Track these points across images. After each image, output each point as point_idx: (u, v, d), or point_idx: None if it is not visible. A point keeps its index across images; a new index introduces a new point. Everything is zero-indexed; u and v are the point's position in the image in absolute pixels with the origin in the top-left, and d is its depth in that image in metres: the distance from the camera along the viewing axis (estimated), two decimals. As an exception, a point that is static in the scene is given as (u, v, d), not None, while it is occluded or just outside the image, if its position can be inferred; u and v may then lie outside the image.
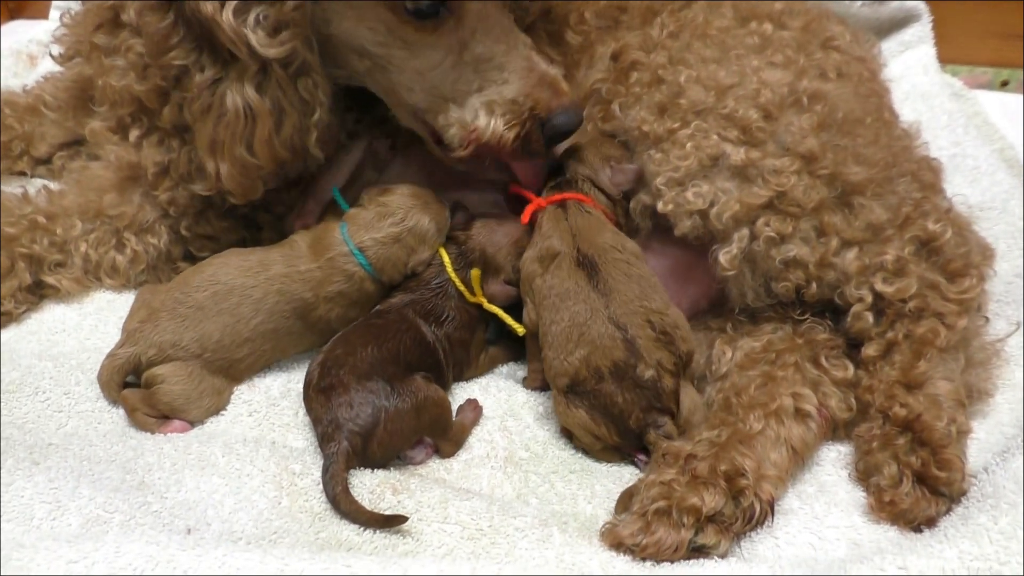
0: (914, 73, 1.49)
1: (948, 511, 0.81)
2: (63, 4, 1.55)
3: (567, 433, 0.93)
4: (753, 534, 0.81)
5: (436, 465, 0.89)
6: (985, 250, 1.01)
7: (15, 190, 1.10)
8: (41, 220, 1.04)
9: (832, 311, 0.97)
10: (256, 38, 0.85)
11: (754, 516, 0.79)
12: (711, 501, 0.77)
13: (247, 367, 0.96)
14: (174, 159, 1.00)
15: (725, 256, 0.93)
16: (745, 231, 0.93)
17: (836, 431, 0.92)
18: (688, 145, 0.94)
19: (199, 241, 1.09)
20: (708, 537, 0.77)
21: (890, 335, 0.91)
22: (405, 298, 0.98)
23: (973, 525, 0.74)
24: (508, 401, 0.98)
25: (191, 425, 0.92)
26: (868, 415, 0.90)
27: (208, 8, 0.84)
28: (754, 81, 0.95)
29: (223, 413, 0.94)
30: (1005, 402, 0.94)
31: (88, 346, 1.01)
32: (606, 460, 0.91)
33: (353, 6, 0.90)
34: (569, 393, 0.89)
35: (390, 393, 0.85)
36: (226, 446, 0.86)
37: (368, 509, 0.79)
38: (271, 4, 0.85)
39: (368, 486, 0.82)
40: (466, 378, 1.02)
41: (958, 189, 1.16)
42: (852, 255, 0.91)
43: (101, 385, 0.93)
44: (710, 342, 0.99)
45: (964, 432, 0.86)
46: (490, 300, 0.99)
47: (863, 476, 0.87)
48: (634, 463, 0.91)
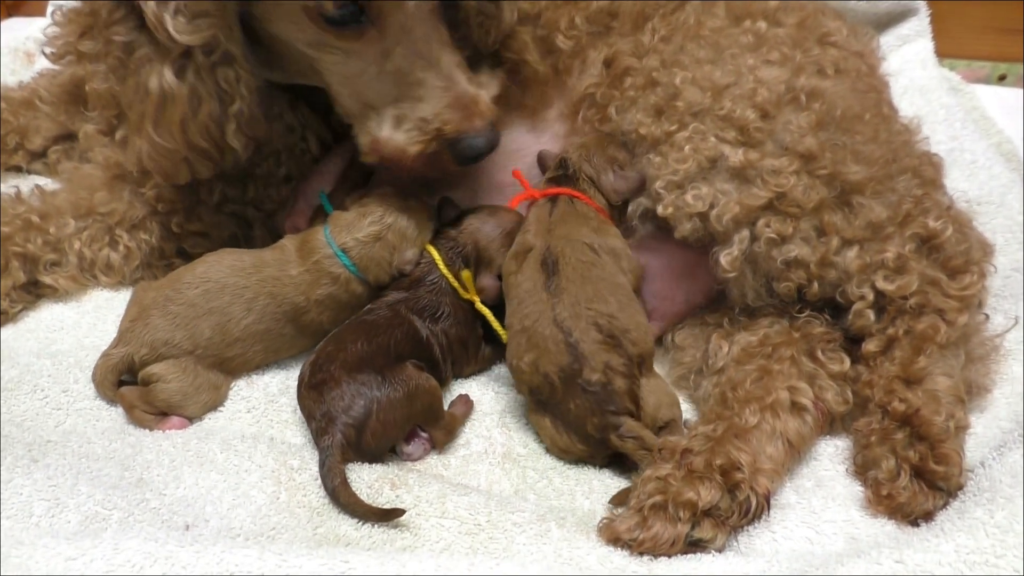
0: (912, 67, 1.49)
1: (945, 505, 0.81)
2: (58, 2, 1.54)
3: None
4: (750, 528, 0.81)
5: (434, 461, 0.90)
6: (985, 246, 1.01)
7: (9, 190, 1.10)
8: (35, 219, 1.05)
9: (831, 307, 0.97)
10: (173, 24, 0.86)
11: (750, 510, 0.79)
12: (707, 495, 0.78)
13: (239, 365, 0.96)
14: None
15: (726, 258, 0.93)
16: (745, 232, 0.93)
17: (833, 424, 0.92)
18: (686, 148, 0.94)
19: (192, 238, 1.09)
20: (705, 531, 0.77)
21: (890, 331, 0.92)
22: (397, 296, 0.98)
23: (970, 519, 0.74)
24: (506, 398, 0.99)
25: (189, 422, 0.92)
26: (867, 410, 0.90)
27: None
28: (750, 80, 0.95)
29: (221, 409, 0.94)
30: (1002, 397, 0.94)
31: (86, 344, 1.01)
32: (587, 463, 0.90)
33: (279, 7, 0.90)
34: (536, 404, 0.89)
35: (381, 383, 0.85)
36: (224, 442, 0.86)
37: (366, 503, 0.79)
38: None
39: (366, 481, 0.82)
40: (465, 375, 1.02)
41: (956, 183, 1.16)
42: (853, 254, 0.91)
43: (96, 385, 0.93)
44: (707, 337, 0.99)
45: (962, 427, 0.87)
46: (480, 293, 0.99)
47: (861, 470, 0.87)
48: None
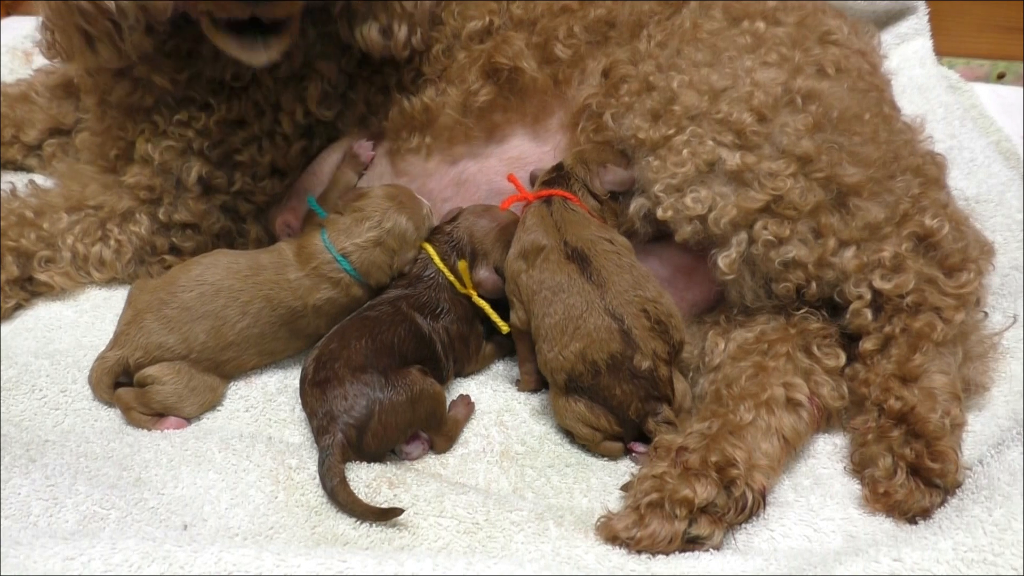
0: (911, 66, 1.49)
1: (943, 503, 0.81)
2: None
3: (565, 431, 0.93)
4: (749, 526, 0.81)
5: (432, 460, 0.90)
6: (983, 245, 1.01)
7: (5, 186, 1.11)
8: (28, 215, 1.06)
9: (829, 306, 0.97)
10: None
11: (746, 506, 0.79)
12: (703, 492, 0.78)
13: (234, 368, 0.96)
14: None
15: (724, 260, 0.94)
16: (743, 235, 0.93)
17: (830, 420, 0.92)
18: (684, 151, 0.94)
19: (181, 230, 1.10)
20: (702, 528, 0.77)
21: (887, 329, 0.92)
22: (398, 292, 0.98)
23: (968, 517, 0.74)
24: (504, 396, 0.99)
25: (187, 422, 0.92)
26: (864, 408, 0.90)
27: None
28: (747, 83, 0.95)
29: (219, 409, 0.94)
30: (1001, 395, 0.94)
31: (84, 343, 1.01)
32: (605, 454, 0.91)
33: None
34: (568, 390, 0.89)
35: (384, 385, 0.85)
36: (223, 442, 0.86)
37: (365, 502, 0.79)
38: None
39: (364, 480, 0.82)
40: (466, 373, 1.02)
41: (954, 182, 1.16)
42: (850, 254, 0.92)
43: (92, 387, 0.93)
44: (703, 334, 0.99)
45: (959, 425, 0.87)
46: (477, 287, 0.99)
47: (858, 468, 0.87)
48: (631, 458, 0.91)
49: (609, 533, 0.78)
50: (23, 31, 1.65)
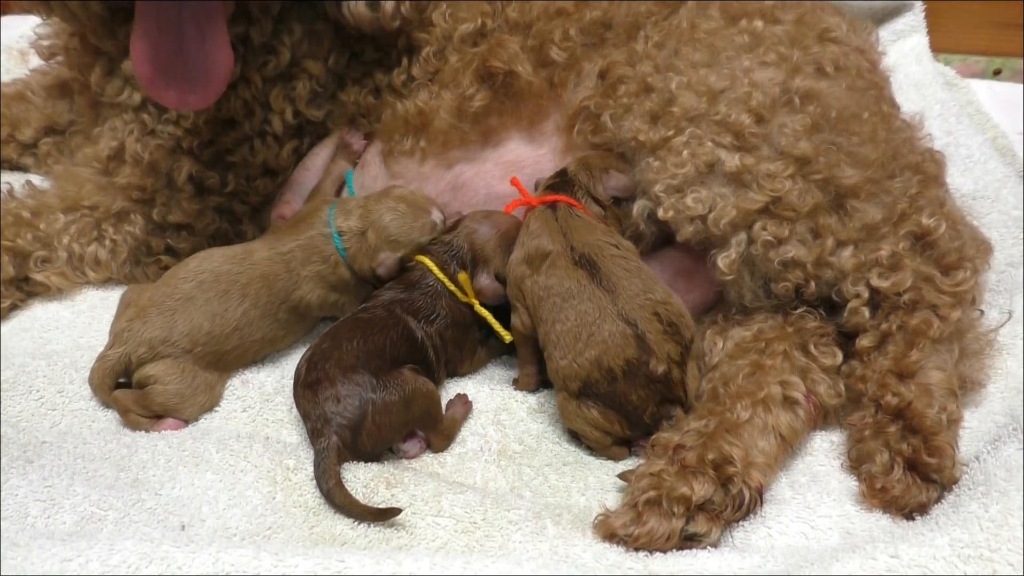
0: (907, 62, 1.49)
1: (939, 498, 0.81)
2: None
3: (564, 430, 0.93)
4: (746, 524, 0.81)
5: (430, 459, 0.90)
6: (981, 243, 1.01)
7: (1, 186, 1.11)
8: (25, 215, 1.06)
9: (827, 304, 0.97)
10: None
11: (743, 503, 0.80)
12: (700, 490, 0.78)
13: (236, 358, 0.97)
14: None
15: (724, 261, 0.94)
16: (743, 236, 0.93)
17: (826, 418, 0.92)
18: (684, 153, 0.95)
19: (176, 231, 1.10)
20: (699, 525, 0.78)
21: (884, 326, 0.92)
22: (394, 295, 0.98)
23: (964, 513, 0.75)
24: (501, 395, 0.99)
25: (184, 423, 0.92)
26: (861, 404, 0.90)
27: None
28: (745, 84, 0.95)
29: (217, 409, 0.94)
30: (997, 391, 0.94)
31: (81, 344, 1.01)
32: (612, 457, 0.91)
33: None
34: (582, 396, 0.89)
35: (376, 385, 0.85)
36: (220, 442, 0.86)
37: (362, 503, 0.79)
38: None
39: (362, 480, 0.82)
40: (460, 374, 1.02)
41: (951, 179, 1.15)
42: (848, 253, 0.92)
43: (93, 388, 0.93)
44: (702, 333, 0.99)
45: (955, 420, 0.87)
46: (478, 295, 0.98)
47: (855, 464, 0.87)
48: (633, 453, 0.91)
49: (607, 531, 0.78)
50: (19, 30, 1.65)
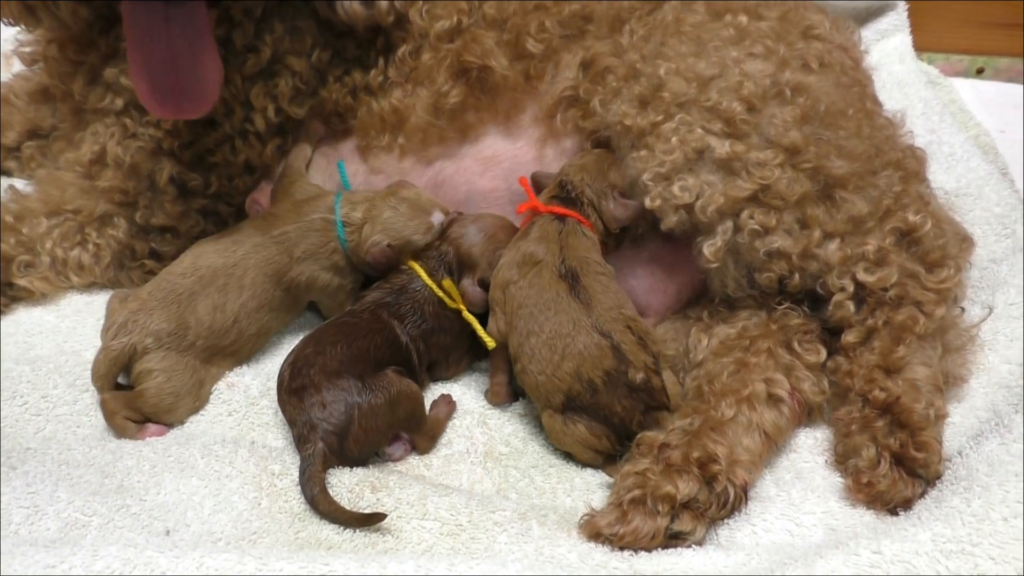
0: (890, 61, 1.50)
1: (924, 494, 0.82)
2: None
3: (565, 454, 0.92)
4: (731, 522, 0.81)
5: (416, 462, 0.90)
6: (964, 239, 1.02)
7: None
8: (8, 220, 1.05)
9: (811, 299, 0.97)
10: None
11: (728, 501, 0.80)
12: (685, 488, 0.78)
13: (232, 353, 0.98)
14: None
15: (709, 248, 0.94)
16: (729, 223, 0.93)
17: (810, 415, 0.93)
18: (673, 139, 0.94)
19: (159, 234, 1.09)
20: (684, 523, 0.78)
21: (870, 322, 0.92)
22: (380, 298, 0.97)
23: (946, 508, 0.75)
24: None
25: (167, 428, 0.92)
26: (847, 399, 0.91)
27: None
28: (736, 73, 0.95)
29: (202, 414, 0.94)
30: (980, 387, 0.94)
31: (66, 349, 1.00)
32: (609, 474, 0.89)
33: None
34: (567, 411, 0.88)
35: (362, 389, 0.85)
36: (205, 448, 0.86)
37: (347, 508, 0.79)
38: None
39: (347, 485, 0.82)
40: (443, 379, 1.01)
41: (934, 176, 1.16)
42: (834, 246, 0.92)
43: (96, 379, 0.92)
44: (687, 330, 0.99)
45: (941, 416, 0.88)
46: (463, 299, 0.98)
47: (842, 459, 0.88)
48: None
49: (592, 530, 0.79)
50: (2, 35, 1.64)
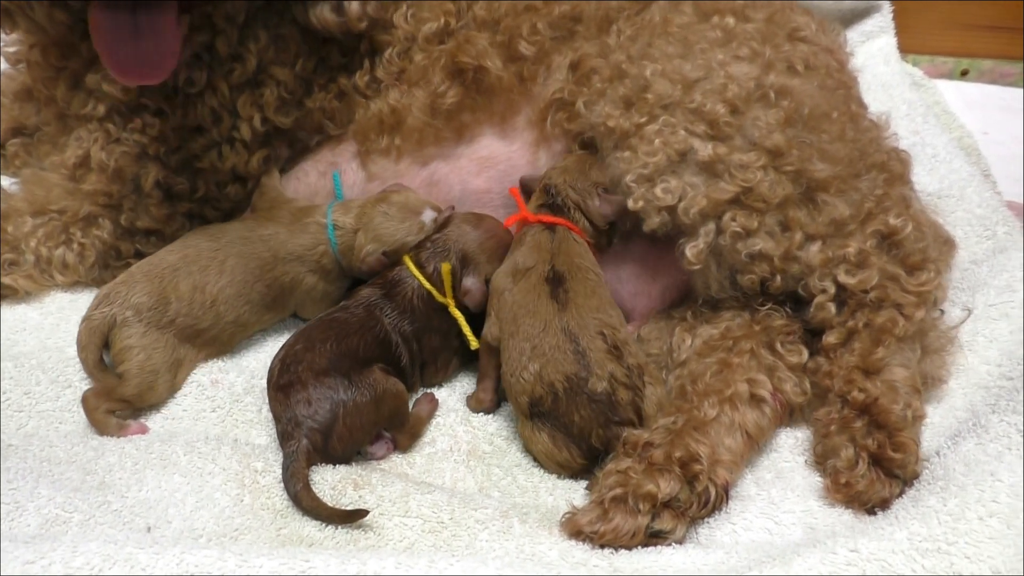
0: (875, 63, 1.51)
1: (901, 494, 0.83)
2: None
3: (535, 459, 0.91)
4: (712, 521, 0.82)
5: (399, 460, 0.90)
6: (946, 241, 1.02)
7: None
8: None
9: (793, 300, 0.98)
10: None
11: (709, 500, 0.80)
12: (666, 487, 0.79)
13: (210, 340, 0.98)
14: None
15: (691, 250, 0.94)
16: (711, 225, 0.93)
17: (792, 415, 0.93)
18: (656, 141, 0.95)
19: (145, 236, 1.09)
20: (664, 522, 0.78)
21: (850, 324, 0.93)
22: (372, 294, 0.98)
23: (923, 507, 0.76)
24: (472, 395, 0.99)
25: (147, 428, 0.91)
26: (827, 400, 0.92)
27: None
28: (721, 75, 0.96)
29: (185, 409, 0.94)
30: (959, 387, 0.95)
31: (49, 345, 1.00)
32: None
33: None
34: (533, 416, 0.88)
35: (348, 387, 0.85)
36: (188, 445, 0.86)
37: (329, 505, 0.79)
38: None
39: (330, 482, 0.83)
40: (435, 383, 1.01)
41: (917, 178, 1.17)
42: (816, 248, 0.93)
43: (80, 348, 0.93)
44: (671, 330, 1.00)
45: (919, 417, 0.89)
46: (464, 295, 0.98)
47: (821, 459, 0.88)
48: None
49: (573, 528, 0.79)
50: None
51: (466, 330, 0.98)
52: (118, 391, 0.91)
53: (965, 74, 1.70)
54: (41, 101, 1.08)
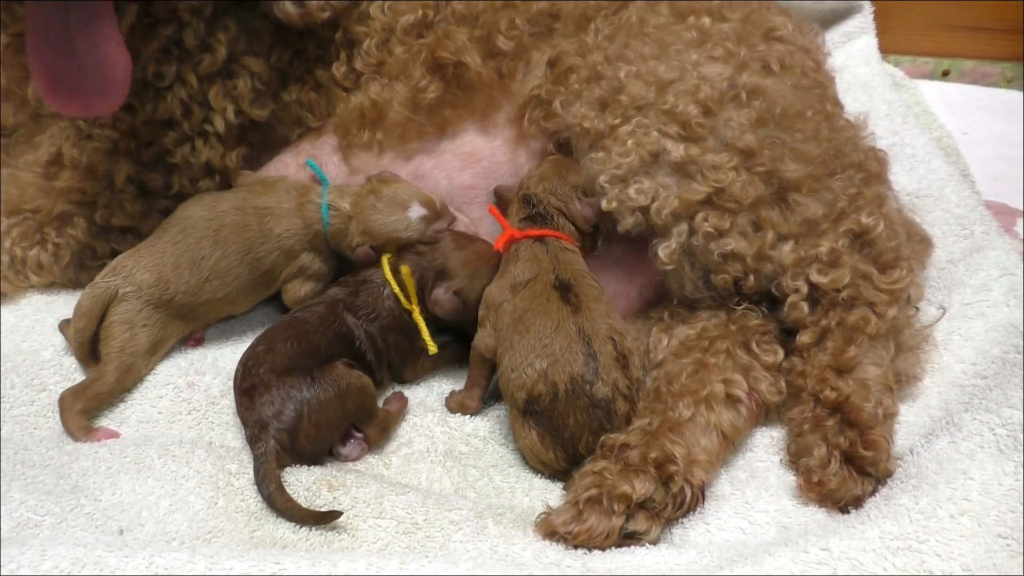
0: (856, 63, 1.51)
1: (874, 492, 0.83)
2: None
3: (510, 431, 0.92)
4: (686, 521, 0.82)
5: (375, 461, 0.90)
6: (922, 240, 1.03)
7: None
8: None
9: (768, 300, 0.99)
10: None
11: (685, 501, 0.80)
12: (641, 488, 0.79)
13: (200, 316, 1.00)
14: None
15: (664, 251, 0.95)
16: (684, 226, 0.94)
17: (768, 415, 0.94)
18: (629, 142, 0.95)
19: (120, 234, 1.09)
20: (639, 523, 0.78)
21: (823, 322, 0.94)
22: (340, 292, 0.98)
23: (895, 505, 0.76)
24: (449, 395, 0.99)
25: (118, 434, 0.91)
26: (801, 399, 0.92)
27: None
28: (694, 76, 0.96)
29: (160, 412, 0.94)
30: (934, 385, 0.96)
31: (24, 348, 0.99)
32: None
33: None
34: (526, 413, 0.88)
35: (311, 384, 0.85)
36: (163, 448, 0.85)
37: (303, 506, 0.79)
38: None
39: (304, 483, 0.82)
40: (404, 381, 1.01)
41: (896, 177, 1.18)
42: (788, 248, 0.93)
43: (79, 316, 0.93)
44: (648, 330, 1.00)
45: (891, 415, 0.89)
46: (433, 306, 0.98)
47: (794, 458, 0.89)
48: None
49: (548, 528, 0.79)
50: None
51: (425, 335, 0.98)
52: (93, 387, 0.90)
53: (946, 74, 1.71)
54: (16, 101, 1.08)
